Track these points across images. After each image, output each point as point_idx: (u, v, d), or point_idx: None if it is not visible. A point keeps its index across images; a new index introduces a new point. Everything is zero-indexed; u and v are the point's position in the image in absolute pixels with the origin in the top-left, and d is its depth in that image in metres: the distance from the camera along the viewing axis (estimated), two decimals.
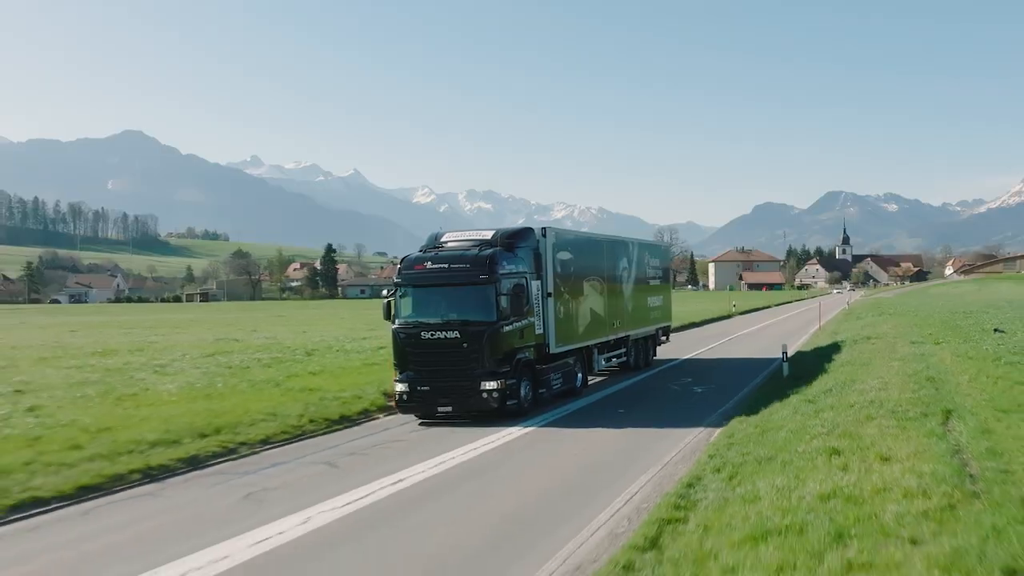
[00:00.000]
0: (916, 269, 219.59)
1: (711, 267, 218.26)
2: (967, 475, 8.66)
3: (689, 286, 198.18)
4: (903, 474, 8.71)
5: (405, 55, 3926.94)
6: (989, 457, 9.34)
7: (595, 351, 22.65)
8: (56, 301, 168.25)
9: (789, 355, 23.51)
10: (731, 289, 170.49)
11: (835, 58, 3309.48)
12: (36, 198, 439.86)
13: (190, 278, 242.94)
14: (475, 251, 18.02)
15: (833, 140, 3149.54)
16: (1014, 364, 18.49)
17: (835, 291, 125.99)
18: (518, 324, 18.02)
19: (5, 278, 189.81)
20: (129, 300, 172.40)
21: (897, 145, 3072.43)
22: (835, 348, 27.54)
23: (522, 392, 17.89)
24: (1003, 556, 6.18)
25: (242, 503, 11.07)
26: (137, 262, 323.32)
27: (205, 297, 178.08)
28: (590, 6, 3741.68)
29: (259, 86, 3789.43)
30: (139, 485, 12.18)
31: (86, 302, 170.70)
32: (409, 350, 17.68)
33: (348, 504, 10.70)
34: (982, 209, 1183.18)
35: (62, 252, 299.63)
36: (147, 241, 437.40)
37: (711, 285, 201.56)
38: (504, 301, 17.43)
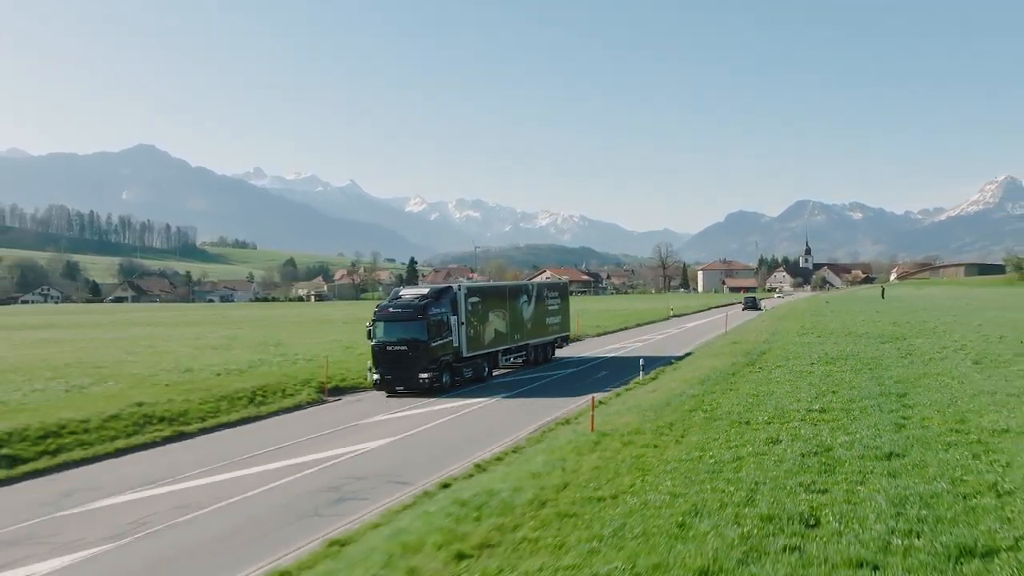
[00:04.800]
0: (864, 275, 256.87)
1: (699, 274, 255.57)
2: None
3: (681, 289, 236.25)
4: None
5: (397, 70, 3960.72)
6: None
7: (500, 354, 33.38)
8: (211, 301, 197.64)
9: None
10: (715, 291, 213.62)
11: (805, 72, 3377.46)
12: (92, 211, 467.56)
13: (251, 281, 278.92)
14: (416, 301, 28.78)
15: (802, 151, 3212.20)
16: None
17: (776, 295, 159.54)
18: (441, 341, 28.60)
19: (171, 283, 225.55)
20: (265, 300, 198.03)
21: (863, 156, 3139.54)
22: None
23: (444, 379, 28.50)
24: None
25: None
26: (188, 268, 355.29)
27: (320, 297, 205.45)
28: (571, 25, 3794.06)
29: (261, 101, 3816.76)
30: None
31: (233, 301, 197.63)
32: (379, 356, 28.03)
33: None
34: (942, 217, 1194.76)
35: (135, 261, 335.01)
36: (187, 249, 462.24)
37: (700, 289, 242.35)
38: (432, 329, 28.07)
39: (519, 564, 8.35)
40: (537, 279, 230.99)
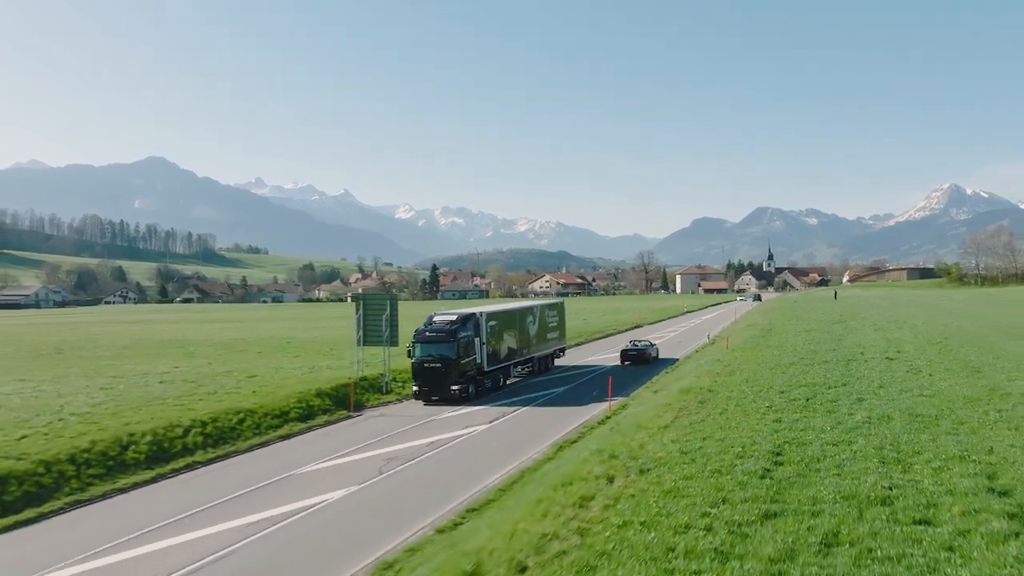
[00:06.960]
0: (820, 278, 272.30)
1: (678, 278, 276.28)
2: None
3: (661, 291, 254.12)
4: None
5: (389, 87, 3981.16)
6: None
7: (511, 366, 37.22)
8: (265, 301, 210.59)
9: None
10: (692, 293, 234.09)
11: (763, 86, 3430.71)
12: (122, 220, 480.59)
13: (297, 284, 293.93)
14: (447, 326, 32.45)
15: (762, 161, 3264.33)
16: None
17: (739, 298, 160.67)
18: (468, 359, 32.36)
19: (229, 287, 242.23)
20: (310, 301, 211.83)
21: (818, 165, 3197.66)
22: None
23: (470, 390, 32.34)
24: None
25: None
26: (213, 272, 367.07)
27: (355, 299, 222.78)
28: (545, 45, 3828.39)
29: (262, 114, 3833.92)
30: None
31: (283, 302, 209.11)
32: (418, 371, 31.96)
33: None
34: (891, 222, 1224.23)
35: (171, 267, 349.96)
36: (207, 254, 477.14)
37: (678, 290, 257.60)
38: (460, 349, 31.75)
39: (740, 368, 31.23)
40: (537, 283, 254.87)
